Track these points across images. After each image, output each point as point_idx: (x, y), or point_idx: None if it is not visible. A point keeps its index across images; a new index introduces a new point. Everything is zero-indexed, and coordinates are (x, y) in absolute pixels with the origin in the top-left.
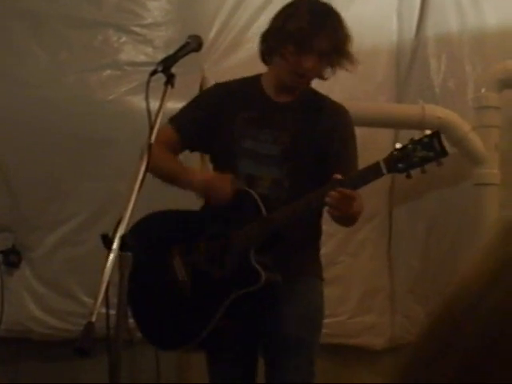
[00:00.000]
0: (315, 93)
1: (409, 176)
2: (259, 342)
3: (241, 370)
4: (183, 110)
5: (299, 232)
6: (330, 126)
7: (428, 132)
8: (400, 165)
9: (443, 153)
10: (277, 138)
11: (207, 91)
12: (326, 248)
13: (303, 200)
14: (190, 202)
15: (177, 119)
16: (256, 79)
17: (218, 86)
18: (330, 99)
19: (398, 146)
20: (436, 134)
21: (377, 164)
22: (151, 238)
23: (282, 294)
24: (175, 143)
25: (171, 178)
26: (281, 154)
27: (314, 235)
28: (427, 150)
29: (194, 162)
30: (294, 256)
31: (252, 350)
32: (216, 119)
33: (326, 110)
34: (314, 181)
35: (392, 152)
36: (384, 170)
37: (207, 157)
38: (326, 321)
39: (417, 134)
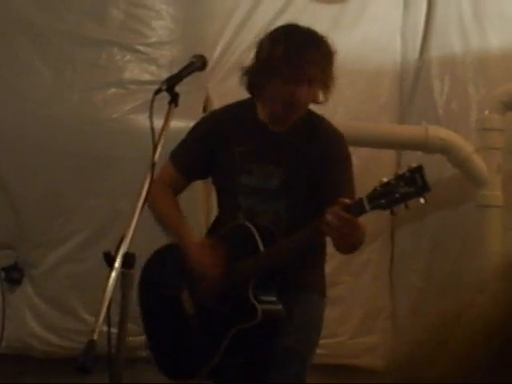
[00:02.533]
0: (310, 118)
1: (392, 212)
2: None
3: None
4: (181, 144)
5: (300, 252)
6: (323, 154)
7: (412, 166)
8: (383, 201)
9: (425, 188)
10: (273, 171)
11: (202, 121)
12: (328, 268)
13: (301, 232)
14: (194, 221)
15: (176, 154)
16: (251, 104)
17: (213, 115)
18: (325, 124)
19: (384, 180)
20: (418, 169)
21: (360, 200)
22: (163, 272)
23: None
24: (177, 180)
25: (171, 235)
26: (279, 187)
27: (315, 253)
28: (409, 185)
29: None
30: (294, 273)
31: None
32: (213, 151)
33: (319, 138)
34: (311, 211)
35: (375, 188)
36: (367, 207)
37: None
38: (326, 341)
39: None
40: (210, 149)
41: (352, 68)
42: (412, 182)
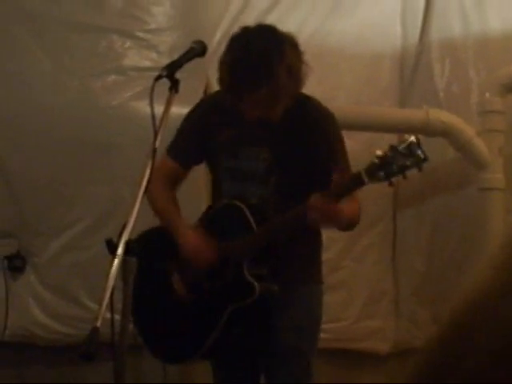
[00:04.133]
0: (297, 98)
1: (391, 184)
2: (260, 350)
3: (244, 374)
4: (176, 137)
5: (294, 238)
6: (314, 136)
7: (408, 138)
8: (381, 173)
9: (423, 159)
10: (259, 154)
11: (193, 110)
12: (330, 253)
13: (291, 212)
14: (193, 206)
15: (172, 147)
16: None
17: (202, 103)
18: (312, 104)
19: (379, 153)
20: (415, 141)
21: (358, 173)
22: (149, 257)
23: (280, 304)
24: (177, 171)
25: (166, 227)
26: (264, 170)
27: (310, 239)
28: (407, 156)
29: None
30: (290, 264)
31: (254, 357)
32: (203, 137)
33: (308, 119)
34: (304, 193)
35: (372, 161)
36: (365, 180)
37: None
38: (330, 325)
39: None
40: (202, 135)
41: (352, 52)
42: (409, 153)
